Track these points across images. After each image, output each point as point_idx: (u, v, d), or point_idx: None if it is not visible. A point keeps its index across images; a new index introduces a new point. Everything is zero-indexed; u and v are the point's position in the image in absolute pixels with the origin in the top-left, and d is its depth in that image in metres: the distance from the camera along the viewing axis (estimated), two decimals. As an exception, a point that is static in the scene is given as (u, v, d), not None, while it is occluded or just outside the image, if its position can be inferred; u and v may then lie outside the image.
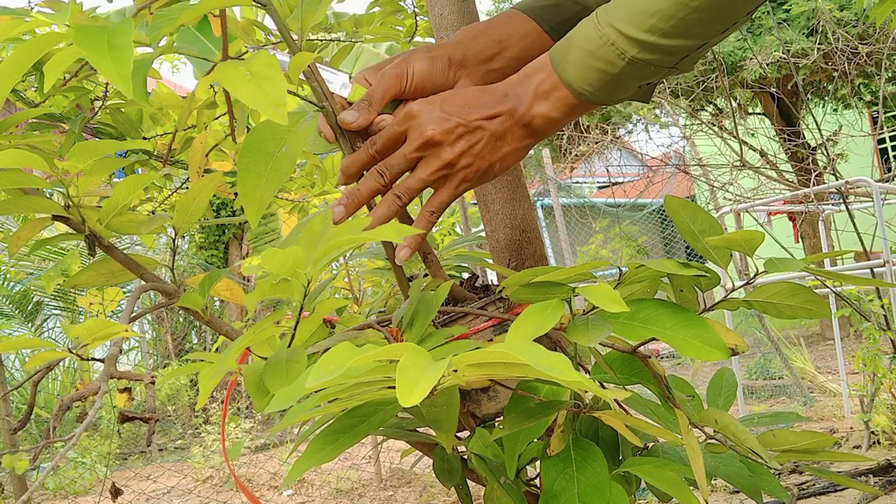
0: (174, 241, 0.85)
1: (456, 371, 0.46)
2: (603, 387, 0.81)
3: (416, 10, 1.61)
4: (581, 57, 0.71)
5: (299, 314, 0.73)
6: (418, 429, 0.89)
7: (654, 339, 0.66)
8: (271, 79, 0.57)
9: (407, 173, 0.75)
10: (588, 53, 0.70)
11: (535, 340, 0.61)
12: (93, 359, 0.66)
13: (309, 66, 0.70)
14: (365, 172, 0.75)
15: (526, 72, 0.75)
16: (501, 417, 0.77)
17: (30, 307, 6.42)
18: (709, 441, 0.82)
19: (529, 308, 0.65)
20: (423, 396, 0.40)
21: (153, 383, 0.65)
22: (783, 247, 4.23)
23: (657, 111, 7.51)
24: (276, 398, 0.54)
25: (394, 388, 0.42)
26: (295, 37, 0.72)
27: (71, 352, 0.63)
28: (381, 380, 0.49)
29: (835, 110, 7.68)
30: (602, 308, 0.61)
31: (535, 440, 0.78)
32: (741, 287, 0.83)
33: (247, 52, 1.19)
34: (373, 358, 0.45)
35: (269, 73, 0.58)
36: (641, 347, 0.75)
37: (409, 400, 0.40)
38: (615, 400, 0.65)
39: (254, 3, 0.68)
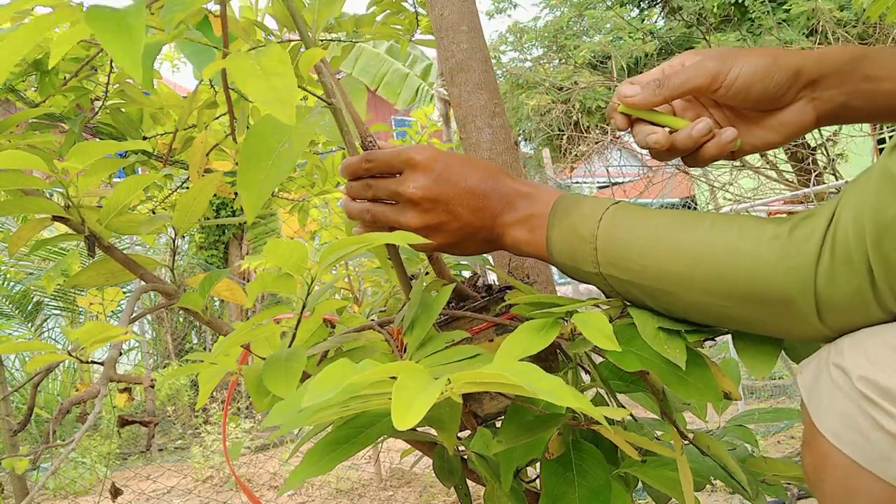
0: (174, 241, 0.84)
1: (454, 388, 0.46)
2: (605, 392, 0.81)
3: (418, 8, 1.61)
4: (567, 229, 0.68)
5: (301, 313, 0.73)
6: (418, 427, 0.89)
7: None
8: (282, 75, 0.55)
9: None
10: (574, 233, 0.67)
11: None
12: (92, 361, 0.66)
13: (321, 61, 0.69)
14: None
15: (535, 189, 0.72)
16: (503, 417, 0.77)
17: (30, 307, 6.41)
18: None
19: (523, 326, 0.64)
20: (418, 419, 0.39)
21: (152, 386, 0.65)
22: (783, 247, 4.22)
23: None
24: (272, 414, 0.53)
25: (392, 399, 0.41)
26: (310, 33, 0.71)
27: (70, 354, 0.63)
28: (379, 394, 0.48)
29: (835, 110, 7.66)
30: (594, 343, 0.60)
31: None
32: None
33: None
34: (370, 378, 0.44)
35: (279, 69, 0.55)
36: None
37: (404, 423, 0.39)
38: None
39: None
